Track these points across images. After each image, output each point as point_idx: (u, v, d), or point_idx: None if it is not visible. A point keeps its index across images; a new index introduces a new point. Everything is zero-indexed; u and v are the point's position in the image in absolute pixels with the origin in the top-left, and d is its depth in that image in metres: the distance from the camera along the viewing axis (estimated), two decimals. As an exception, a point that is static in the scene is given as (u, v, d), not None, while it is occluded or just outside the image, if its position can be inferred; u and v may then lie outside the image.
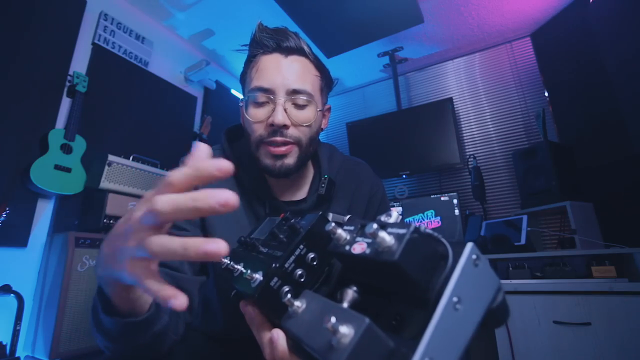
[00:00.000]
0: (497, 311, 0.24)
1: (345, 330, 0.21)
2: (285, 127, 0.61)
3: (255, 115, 0.63)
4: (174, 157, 1.46)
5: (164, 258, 0.27)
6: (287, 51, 0.64)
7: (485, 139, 2.36)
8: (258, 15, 2.09)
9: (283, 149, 0.61)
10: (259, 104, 0.63)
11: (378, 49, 2.48)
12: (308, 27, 2.12)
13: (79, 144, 1.53)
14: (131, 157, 1.66)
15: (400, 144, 2.43)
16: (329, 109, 0.74)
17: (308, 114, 0.64)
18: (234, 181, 0.68)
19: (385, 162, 2.41)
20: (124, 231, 0.29)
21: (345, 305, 0.28)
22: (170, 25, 2.23)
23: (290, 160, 0.63)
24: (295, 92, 0.62)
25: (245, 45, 0.68)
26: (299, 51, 0.65)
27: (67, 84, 1.62)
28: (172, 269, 0.56)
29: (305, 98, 0.63)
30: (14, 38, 1.47)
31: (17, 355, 1.28)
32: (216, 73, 2.56)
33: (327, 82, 0.71)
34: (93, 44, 1.79)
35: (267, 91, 0.62)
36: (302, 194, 0.73)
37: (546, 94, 2.19)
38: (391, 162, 2.41)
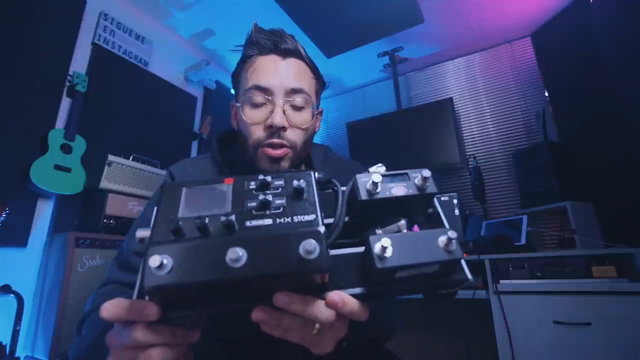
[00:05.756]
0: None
1: (445, 238, 0.29)
2: (284, 129, 0.60)
3: (253, 117, 0.61)
4: (174, 157, 1.43)
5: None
6: (285, 53, 0.63)
7: (485, 139, 2.36)
8: (258, 15, 2.06)
9: (279, 151, 0.60)
10: (256, 105, 0.61)
11: (378, 49, 2.47)
12: (308, 27, 2.12)
13: (79, 144, 1.53)
14: (131, 157, 1.67)
15: (400, 144, 2.43)
16: (322, 112, 0.73)
17: (305, 116, 0.63)
18: None
19: (385, 162, 2.21)
20: None
21: (405, 231, 0.33)
22: (170, 25, 2.23)
23: (285, 164, 0.62)
24: (293, 91, 0.61)
25: (240, 45, 0.67)
26: (296, 53, 0.64)
27: (67, 84, 1.61)
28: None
29: (303, 99, 0.62)
30: (14, 38, 1.47)
31: (16, 356, 1.28)
32: (216, 73, 2.55)
33: (321, 86, 0.71)
34: (93, 43, 1.79)
35: (265, 90, 0.61)
36: None
37: (546, 93, 2.19)
38: (391, 162, 2.23)
